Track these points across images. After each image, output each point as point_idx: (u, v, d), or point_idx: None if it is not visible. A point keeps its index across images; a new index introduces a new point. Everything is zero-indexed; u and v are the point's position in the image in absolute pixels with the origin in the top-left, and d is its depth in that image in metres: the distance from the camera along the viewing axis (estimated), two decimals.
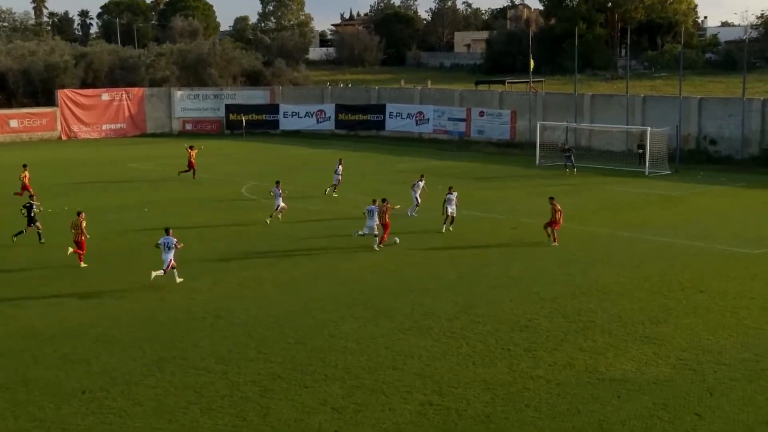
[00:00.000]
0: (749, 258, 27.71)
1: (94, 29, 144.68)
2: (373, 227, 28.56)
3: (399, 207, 30.90)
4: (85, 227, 26.90)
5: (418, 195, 34.58)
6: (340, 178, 40.46)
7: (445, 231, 31.37)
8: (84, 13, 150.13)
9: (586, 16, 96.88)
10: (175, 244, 24.09)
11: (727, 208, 37.66)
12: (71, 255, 26.54)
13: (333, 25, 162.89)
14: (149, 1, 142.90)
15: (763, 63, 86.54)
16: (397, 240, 29.37)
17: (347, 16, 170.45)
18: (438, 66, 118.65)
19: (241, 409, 15.77)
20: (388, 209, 28.82)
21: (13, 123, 67.55)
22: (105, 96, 71.60)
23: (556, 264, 26.66)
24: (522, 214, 35.16)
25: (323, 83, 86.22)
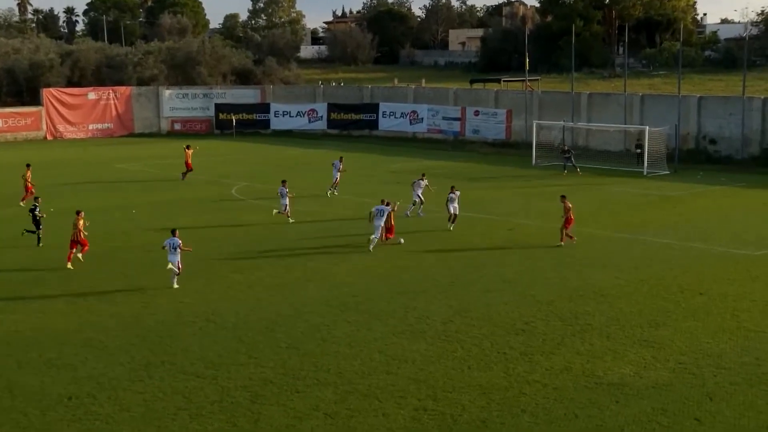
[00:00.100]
0: (750, 260, 27.59)
1: (80, 26, 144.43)
2: (380, 228, 28.59)
3: (399, 203, 30.88)
4: (83, 226, 26.77)
5: (420, 193, 34.51)
6: (339, 176, 40.11)
7: (450, 228, 31.56)
8: (70, 10, 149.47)
9: (583, 13, 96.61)
10: (180, 246, 23.98)
11: (727, 208, 37.55)
12: (78, 257, 26.64)
13: (325, 23, 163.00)
14: None
15: (764, 61, 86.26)
16: (402, 240, 29.37)
17: (339, 13, 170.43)
18: (432, 64, 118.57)
19: (232, 415, 15.63)
20: (392, 212, 29.10)
21: None
22: (91, 95, 71.05)
23: (552, 266, 26.55)
24: (518, 215, 35.10)
25: (315, 82, 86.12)
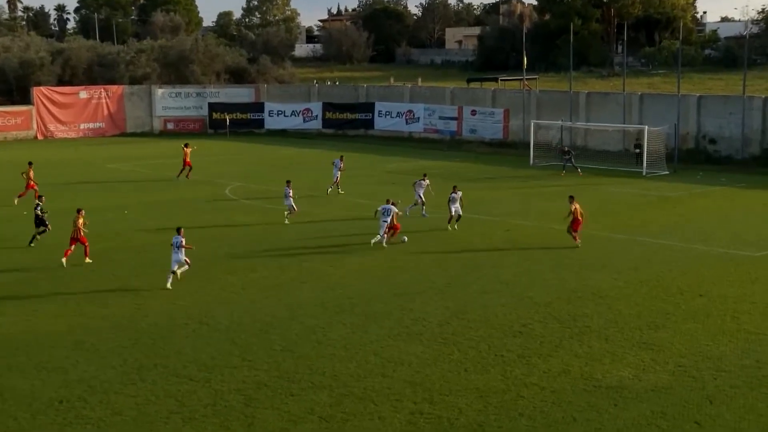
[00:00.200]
0: (750, 261, 27.48)
1: (71, 24, 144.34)
2: (385, 227, 28.71)
3: (400, 202, 30.88)
4: (83, 224, 26.67)
5: (422, 193, 34.46)
6: (339, 174, 39.89)
7: (451, 229, 31.58)
8: (60, 8, 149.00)
9: (581, 11, 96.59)
10: (182, 243, 23.89)
11: (727, 209, 37.46)
12: (86, 261, 26.66)
13: (320, 21, 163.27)
14: None
15: (765, 59, 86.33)
16: (405, 239, 29.43)
17: (335, 11, 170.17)
18: (428, 63, 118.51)
19: (225, 419, 15.49)
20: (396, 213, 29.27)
21: None
22: (83, 94, 70.61)
23: (550, 267, 26.44)
24: (516, 215, 35.03)
25: (310, 81, 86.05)
